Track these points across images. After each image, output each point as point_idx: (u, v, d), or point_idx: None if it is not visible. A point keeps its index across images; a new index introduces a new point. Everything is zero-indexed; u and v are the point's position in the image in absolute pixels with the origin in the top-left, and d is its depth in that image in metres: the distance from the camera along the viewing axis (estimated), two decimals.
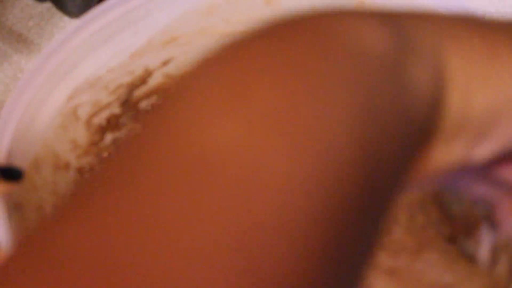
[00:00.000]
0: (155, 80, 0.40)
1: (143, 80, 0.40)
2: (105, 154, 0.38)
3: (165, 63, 0.40)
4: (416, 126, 0.17)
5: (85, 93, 0.37)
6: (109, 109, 0.39)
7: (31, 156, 0.33)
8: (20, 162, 0.32)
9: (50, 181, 0.34)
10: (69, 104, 0.36)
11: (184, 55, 0.41)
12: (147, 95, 0.40)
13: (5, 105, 0.32)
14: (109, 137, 0.39)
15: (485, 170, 0.21)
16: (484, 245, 0.33)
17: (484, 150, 0.18)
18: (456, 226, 0.37)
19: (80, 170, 0.37)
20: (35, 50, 0.55)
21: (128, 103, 0.40)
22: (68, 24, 0.56)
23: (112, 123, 0.39)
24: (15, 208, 0.30)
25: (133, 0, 0.36)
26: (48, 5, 0.57)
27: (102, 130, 0.38)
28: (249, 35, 0.15)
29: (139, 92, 0.40)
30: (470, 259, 0.35)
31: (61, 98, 0.35)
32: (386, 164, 0.15)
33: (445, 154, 0.18)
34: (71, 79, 0.35)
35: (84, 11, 0.54)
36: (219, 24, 0.40)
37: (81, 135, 0.37)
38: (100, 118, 0.38)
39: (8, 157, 0.30)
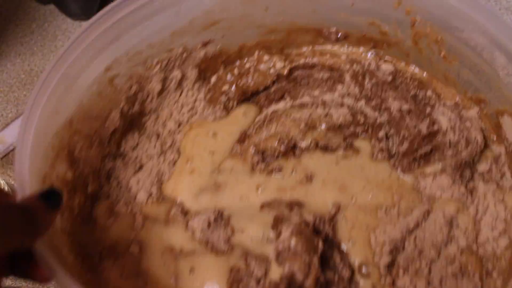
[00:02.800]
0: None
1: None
2: None
3: (205, 44, 0.41)
4: None
5: (123, 66, 0.38)
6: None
7: (66, 116, 0.35)
8: (54, 121, 0.34)
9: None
10: (106, 74, 0.37)
11: (223, 39, 0.42)
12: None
13: (46, 67, 0.33)
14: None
15: None
16: None
17: None
18: None
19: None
20: (38, 52, 0.56)
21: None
22: (70, 26, 0.57)
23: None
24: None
25: None
26: (51, 7, 0.58)
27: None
28: None
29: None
30: None
31: (100, 68, 0.36)
32: None
33: None
34: (111, 51, 0.36)
35: (86, 13, 0.55)
36: (260, 13, 0.40)
37: None
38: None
39: (40, 114, 0.32)
